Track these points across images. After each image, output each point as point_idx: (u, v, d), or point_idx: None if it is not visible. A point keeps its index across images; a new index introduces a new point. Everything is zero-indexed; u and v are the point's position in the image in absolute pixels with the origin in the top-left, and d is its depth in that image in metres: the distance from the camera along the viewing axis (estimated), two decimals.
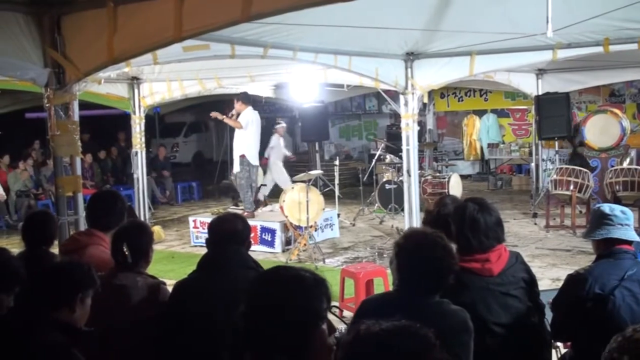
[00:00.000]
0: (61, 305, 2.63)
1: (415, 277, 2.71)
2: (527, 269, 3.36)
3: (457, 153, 19.15)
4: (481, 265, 3.19)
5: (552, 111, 11.36)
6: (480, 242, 3.20)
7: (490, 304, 3.15)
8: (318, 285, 1.87)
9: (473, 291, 3.14)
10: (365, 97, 19.94)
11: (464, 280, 3.10)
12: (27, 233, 4.23)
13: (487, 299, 3.15)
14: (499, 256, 3.23)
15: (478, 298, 3.13)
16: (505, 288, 3.19)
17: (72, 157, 5.50)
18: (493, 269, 3.19)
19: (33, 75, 5.09)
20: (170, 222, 13.19)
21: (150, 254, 3.53)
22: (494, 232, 3.24)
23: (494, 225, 3.26)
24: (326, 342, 1.84)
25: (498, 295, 3.17)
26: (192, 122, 25.16)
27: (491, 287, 3.17)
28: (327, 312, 1.88)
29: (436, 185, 12.07)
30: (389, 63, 7.87)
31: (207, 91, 10.33)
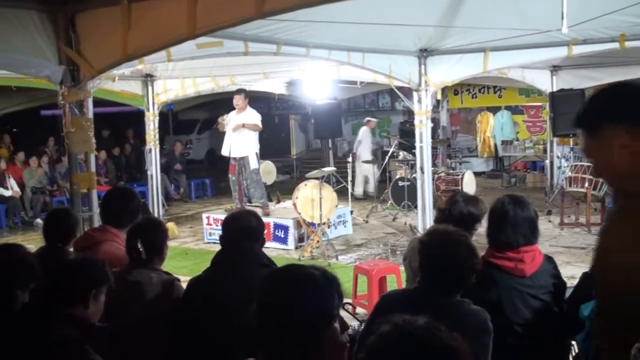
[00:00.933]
0: (75, 302, 2.64)
1: (437, 276, 2.72)
2: (558, 275, 3.32)
3: (471, 150, 19.07)
4: (514, 264, 3.16)
5: (567, 108, 11.27)
6: (507, 236, 3.17)
7: (517, 304, 3.13)
8: (329, 283, 1.85)
9: (501, 289, 3.12)
10: (379, 94, 19.89)
11: (494, 277, 3.10)
12: (46, 230, 4.26)
13: (515, 299, 3.13)
14: (533, 258, 3.20)
15: (506, 297, 3.11)
16: (535, 291, 3.16)
17: (86, 154, 5.54)
18: (526, 270, 3.16)
19: (48, 72, 5.12)
20: (183, 219, 13.24)
21: (165, 251, 3.54)
22: (522, 228, 3.19)
23: (524, 221, 3.21)
24: (338, 340, 1.83)
25: (526, 297, 3.14)
26: (205, 119, 25.20)
27: (520, 288, 3.14)
28: (339, 310, 1.87)
29: (449, 182, 12.02)
30: (403, 60, 7.85)
31: (221, 88, 10.35)
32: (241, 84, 10.19)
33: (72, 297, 2.65)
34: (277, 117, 23.81)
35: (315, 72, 9.70)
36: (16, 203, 12.72)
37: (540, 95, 14.75)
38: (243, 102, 10.18)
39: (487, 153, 18.17)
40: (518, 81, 11.86)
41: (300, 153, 22.07)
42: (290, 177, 20.49)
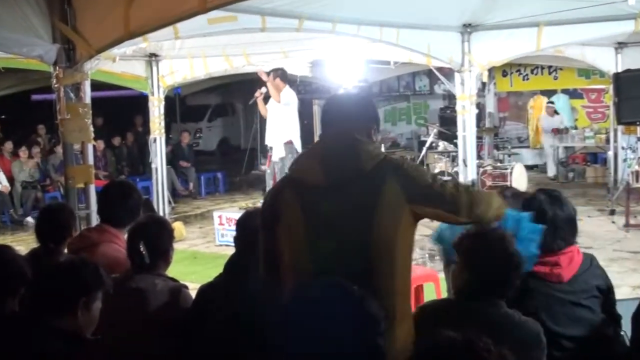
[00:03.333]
0: (62, 311, 2.66)
1: (483, 283, 2.72)
2: (603, 275, 3.31)
3: (522, 140, 18.91)
4: (549, 269, 3.15)
5: (634, 91, 11.10)
6: (544, 241, 3.13)
7: (557, 313, 3.11)
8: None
9: (537, 298, 3.11)
10: (415, 75, 19.80)
11: (529, 285, 3.08)
12: (39, 228, 4.32)
13: (554, 308, 3.12)
14: (571, 260, 3.18)
15: (543, 306, 3.10)
16: (576, 297, 3.15)
17: (83, 144, 5.60)
18: (563, 274, 3.15)
19: (40, 52, 5.17)
20: (192, 218, 13.31)
21: (171, 254, 3.56)
22: (563, 230, 3.19)
23: (564, 221, 3.20)
24: None
25: (566, 305, 3.13)
26: (217, 105, 25.33)
27: (559, 295, 3.13)
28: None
29: (497, 177, 11.94)
30: (443, 36, 7.81)
31: (235, 69, 10.38)
32: (258, 65, 10.19)
33: (59, 306, 2.66)
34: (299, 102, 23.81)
35: (343, 51, 9.69)
36: (4, 199, 12.88)
37: (602, 76, 14.57)
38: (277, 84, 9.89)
39: (540, 143, 18.01)
40: (577, 60, 11.73)
41: None
42: None
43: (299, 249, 2.59)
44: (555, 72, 17.36)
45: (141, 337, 3.25)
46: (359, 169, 2.55)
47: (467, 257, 2.79)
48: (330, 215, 2.55)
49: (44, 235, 4.23)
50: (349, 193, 2.53)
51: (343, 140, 2.63)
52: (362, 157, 2.57)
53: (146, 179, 13.54)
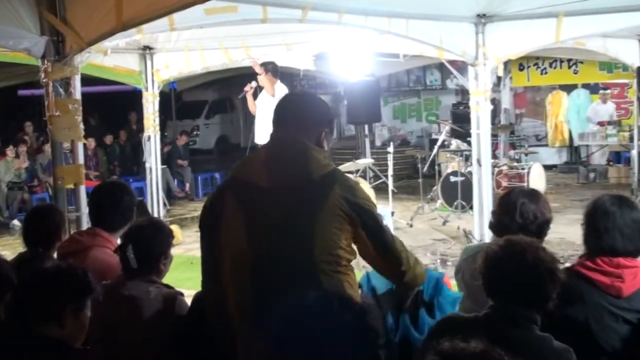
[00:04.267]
0: (48, 319, 2.66)
1: (512, 301, 2.67)
2: None
3: (540, 138, 18.90)
4: (611, 281, 3.11)
5: None
6: (613, 240, 3.15)
7: (608, 328, 3.08)
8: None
9: (589, 307, 3.09)
10: (426, 69, 19.80)
11: (582, 291, 3.08)
12: (27, 232, 4.33)
13: (605, 321, 3.08)
14: (635, 275, 3.13)
15: (594, 318, 3.08)
16: (632, 315, 3.09)
17: (73, 142, 5.61)
18: (624, 289, 3.10)
19: (27, 44, 5.18)
20: (189, 221, 13.32)
21: (168, 260, 3.56)
22: (630, 232, 3.17)
23: (634, 223, 3.20)
24: None
25: (619, 321, 3.09)
26: (215, 101, 25.37)
27: (614, 310, 3.09)
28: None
29: (513, 177, 11.93)
30: (456, 27, 7.79)
31: (234, 63, 10.37)
32: (258, 58, 10.20)
33: (44, 314, 2.66)
34: None
35: (349, 43, 9.68)
36: None
37: (625, 70, 14.55)
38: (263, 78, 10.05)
39: (559, 142, 17.99)
40: (598, 53, 11.70)
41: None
42: None
43: (240, 249, 2.75)
44: (575, 65, 17.34)
45: (134, 346, 3.26)
46: (306, 177, 2.74)
47: (493, 274, 2.75)
48: (272, 217, 2.72)
49: (31, 240, 4.24)
50: (294, 198, 2.72)
51: (292, 145, 2.80)
52: (312, 165, 2.76)
53: (140, 179, 13.56)
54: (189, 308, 3.40)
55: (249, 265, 2.73)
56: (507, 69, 17.22)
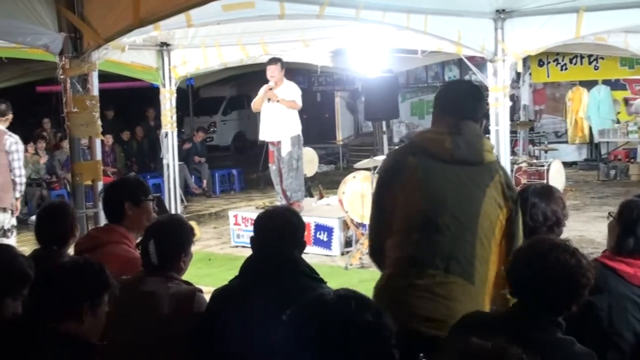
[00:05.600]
0: (67, 316, 2.68)
1: (535, 301, 2.66)
2: None
3: (559, 135, 18.81)
4: (634, 271, 3.19)
5: None
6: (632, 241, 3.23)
7: (629, 317, 3.13)
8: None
9: (611, 296, 3.15)
10: (444, 65, 19.75)
11: (605, 279, 3.12)
12: (39, 229, 4.36)
13: (627, 310, 3.14)
14: None
15: (617, 307, 3.13)
16: None
17: (91, 138, 5.64)
18: None
19: (46, 41, 5.21)
20: (206, 218, 13.38)
21: (188, 256, 3.57)
22: None
23: None
24: None
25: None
26: (232, 97, 25.42)
27: (636, 299, 3.17)
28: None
29: (532, 174, 11.88)
30: (475, 23, 7.76)
31: (251, 59, 10.38)
32: (276, 54, 10.21)
33: (63, 310, 2.68)
34: (320, 94, 23.86)
35: (367, 39, 9.67)
36: None
37: None
38: (279, 74, 10.16)
39: (579, 138, 17.90)
40: (620, 49, 11.60)
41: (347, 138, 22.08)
42: (335, 167, 20.53)
43: (415, 207, 3.32)
44: (595, 61, 17.21)
45: (152, 342, 3.27)
46: (480, 160, 3.32)
47: (518, 273, 2.74)
48: (448, 186, 3.28)
49: (44, 238, 4.27)
50: (469, 174, 3.29)
51: (472, 132, 3.37)
52: (484, 152, 3.35)
53: (157, 175, 13.62)
54: (207, 305, 3.41)
55: (420, 222, 3.27)
56: (527, 65, 17.13)
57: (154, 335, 3.28)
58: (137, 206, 4.02)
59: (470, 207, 3.26)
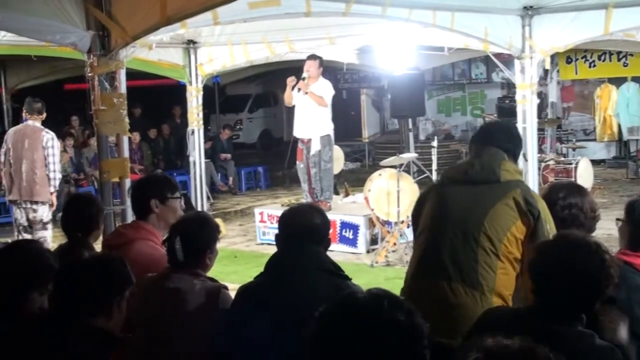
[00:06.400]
0: (98, 312, 2.71)
1: (559, 296, 2.64)
2: None
3: (588, 132, 18.67)
4: None
5: None
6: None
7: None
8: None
9: (630, 289, 3.16)
10: (471, 62, 19.66)
11: (624, 274, 3.10)
12: (65, 220, 4.42)
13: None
14: None
15: (636, 299, 3.15)
16: None
17: (118, 136, 5.68)
18: None
19: (74, 39, 5.25)
20: (232, 215, 13.44)
21: (213, 253, 3.59)
22: None
23: None
24: None
25: None
26: (258, 95, 25.47)
27: None
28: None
29: (560, 172, 11.80)
30: (502, 20, 7.71)
31: (277, 57, 10.40)
32: (301, 52, 10.22)
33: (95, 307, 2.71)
34: (346, 91, 23.85)
35: (393, 37, 9.65)
36: None
37: None
38: (316, 71, 10.13)
39: (608, 136, 17.73)
40: None
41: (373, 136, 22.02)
42: (361, 165, 20.52)
43: (430, 216, 3.70)
44: (624, 58, 17.05)
45: (177, 339, 3.29)
46: (494, 179, 3.55)
47: (542, 268, 2.72)
48: (458, 200, 3.59)
49: (69, 227, 4.34)
50: (480, 191, 3.54)
51: (492, 153, 3.63)
52: (501, 172, 3.55)
53: (183, 173, 13.69)
54: (232, 302, 3.42)
55: (427, 235, 3.66)
56: (555, 62, 17.02)
57: (179, 331, 3.31)
58: (163, 204, 4.04)
59: (475, 219, 3.50)
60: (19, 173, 8.39)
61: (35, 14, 5.05)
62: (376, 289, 2.03)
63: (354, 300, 2.01)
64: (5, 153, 8.48)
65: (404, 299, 2.01)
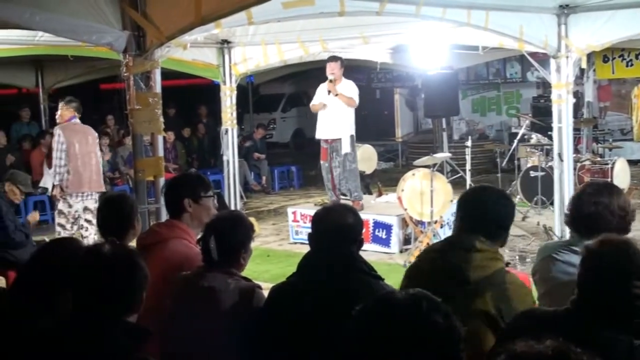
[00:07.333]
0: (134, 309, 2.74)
1: (605, 301, 2.59)
2: None
3: (625, 132, 18.44)
4: None
5: None
6: None
7: None
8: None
9: None
10: (506, 61, 19.51)
11: None
12: (100, 221, 4.46)
13: None
14: None
15: None
16: None
17: (153, 135, 5.73)
18: None
19: (110, 39, 5.31)
20: (265, 214, 13.47)
21: (247, 253, 3.60)
22: None
23: None
24: None
25: None
26: (291, 94, 25.52)
27: None
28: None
29: (596, 172, 11.67)
30: (537, 18, 7.65)
31: (311, 56, 10.42)
32: (335, 51, 10.23)
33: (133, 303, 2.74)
34: (379, 91, 23.82)
35: (427, 36, 9.62)
36: None
37: None
38: (339, 72, 10.21)
39: None
40: None
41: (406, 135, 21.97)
42: (394, 164, 20.46)
43: None
44: None
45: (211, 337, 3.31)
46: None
47: (589, 271, 2.66)
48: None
49: (105, 228, 4.37)
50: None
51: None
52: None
53: (217, 172, 13.76)
54: (265, 301, 3.43)
55: None
56: (591, 61, 16.81)
57: (212, 329, 3.33)
58: (196, 203, 4.06)
59: None
60: (89, 166, 8.80)
61: (72, 15, 5.12)
62: (416, 290, 2.03)
63: (393, 300, 2.01)
64: (65, 150, 8.64)
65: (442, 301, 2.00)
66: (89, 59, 11.35)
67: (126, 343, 2.60)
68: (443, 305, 1.97)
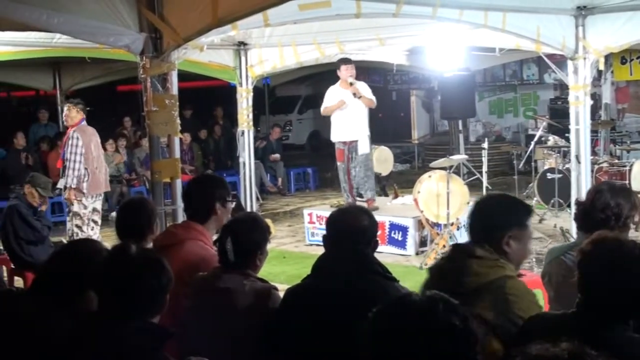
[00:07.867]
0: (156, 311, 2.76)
1: (603, 298, 2.60)
2: None
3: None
4: None
5: None
6: None
7: None
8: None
9: None
10: (523, 63, 19.42)
11: None
12: (119, 225, 4.48)
13: None
14: None
15: None
16: None
17: (170, 137, 5.74)
18: None
19: (127, 41, 5.33)
20: (281, 215, 13.48)
21: (263, 254, 3.61)
22: None
23: None
24: None
25: None
26: (307, 96, 25.50)
27: None
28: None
29: (613, 175, 11.60)
30: (555, 20, 7.62)
31: (327, 58, 10.42)
32: (352, 53, 10.24)
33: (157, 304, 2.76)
34: (395, 92, 23.76)
35: (444, 38, 9.60)
36: None
37: None
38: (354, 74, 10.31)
39: None
40: None
41: (423, 137, 21.94)
42: (410, 166, 20.43)
43: None
44: None
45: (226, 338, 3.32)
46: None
47: (585, 270, 2.68)
48: None
49: (124, 232, 4.39)
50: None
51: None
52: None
53: (233, 173, 13.79)
54: (281, 302, 3.44)
55: None
56: (609, 62, 16.71)
57: (229, 330, 3.34)
58: (224, 206, 4.10)
59: None
60: (103, 167, 9.09)
61: (89, 17, 5.14)
62: (433, 292, 2.03)
63: (410, 302, 2.01)
64: (83, 153, 8.72)
65: (459, 304, 2.00)
66: (106, 61, 11.40)
67: (149, 343, 2.62)
68: (460, 307, 1.97)
